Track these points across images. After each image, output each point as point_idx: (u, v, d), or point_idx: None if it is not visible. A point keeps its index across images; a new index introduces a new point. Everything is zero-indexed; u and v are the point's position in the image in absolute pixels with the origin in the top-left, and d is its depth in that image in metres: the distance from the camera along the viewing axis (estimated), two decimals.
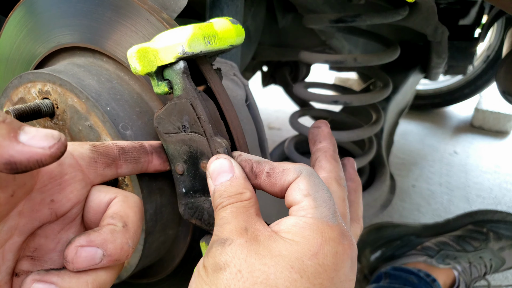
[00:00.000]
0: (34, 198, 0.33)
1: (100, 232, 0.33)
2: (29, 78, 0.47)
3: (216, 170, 0.37)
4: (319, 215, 0.34)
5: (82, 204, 0.37)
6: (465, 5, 1.39)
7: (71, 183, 0.35)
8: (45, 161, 0.27)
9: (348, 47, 1.33)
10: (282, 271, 0.31)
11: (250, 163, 0.38)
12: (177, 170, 0.43)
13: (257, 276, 0.31)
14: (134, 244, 0.35)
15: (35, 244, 0.35)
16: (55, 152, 0.28)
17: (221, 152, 0.39)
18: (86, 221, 0.37)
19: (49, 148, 0.27)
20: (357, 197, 0.49)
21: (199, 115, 0.39)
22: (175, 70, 0.39)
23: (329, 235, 0.33)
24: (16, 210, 0.32)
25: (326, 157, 0.46)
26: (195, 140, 0.40)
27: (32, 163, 0.27)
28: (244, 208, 0.35)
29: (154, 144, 0.43)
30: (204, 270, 0.33)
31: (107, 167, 0.38)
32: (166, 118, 0.41)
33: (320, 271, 0.31)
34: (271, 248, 0.32)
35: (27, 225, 0.33)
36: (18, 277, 0.34)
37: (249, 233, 0.33)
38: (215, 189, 0.37)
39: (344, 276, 0.33)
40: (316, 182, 0.36)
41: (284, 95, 1.85)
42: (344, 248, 0.34)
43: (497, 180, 1.83)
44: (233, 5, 0.73)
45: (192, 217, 0.43)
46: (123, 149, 0.39)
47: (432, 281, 0.98)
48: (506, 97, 1.01)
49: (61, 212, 0.35)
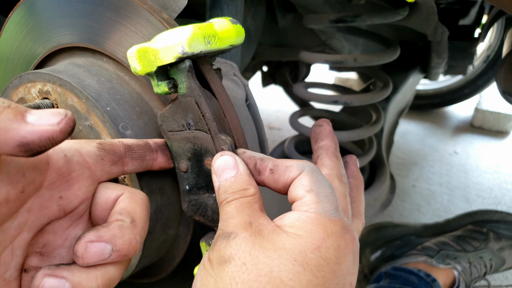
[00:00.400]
0: (43, 195, 0.34)
1: (109, 228, 0.34)
2: (29, 78, 0.47)
3: (221, 167, 0.38)
4: (322, 210, 0.34)
5: (89, 200, 0.37)
6: (465, 5, 1.39)
7: (79, 180, 0.36)
8: (57, 137, 0.28)
9: (348, 47, 1.33)
10: (285, 264, 0.31)
11: (254, 160, 0.39)
12: (181, 167, 0.43)
13: (261, 269, 0.31)
14: (142, 240, 0.36)
15: (43, 240, 0.36)
16: (65, 127, 0.28)
17: (225, 149, 0.39)
18: (94, 217, 0.38)
19: (58, 124, 0.28)
20: (359, 193, 0.50)
21: (203, 113, 0.40)
22: (181, 68, 0.40)
23: (331, 229, 0.33)
24: (25, 207, 0.33)
25: (328, 154, 0.47)
26: (199, 137, 0.41)
27: (45, 141, 0.27)
28: (249, 203, 0.36)
29: (158, 142, 0.43)
30: (210, 263, 0.33)
31: (114, 165, 0.39)
32: (171, 116, 0.42)
33: (323, 264, 0.32)
34: (275, 241, 0.33)
35: (36, 222, 0.34)
36: (27, 273, 0.34)
37: (253, 227, 0.34)
38: (220, 185, 0.37)
39: (346, 269, 0.34)
40: (318, 178, 0.36)
41: (284, 95, 1.85)
42: (346, 242, 0.34)
43: (497, 180, 1.83)
44: (233, 5, 0.73)
45: (195, 213, 0.43)
46: (129, 146, 0.40)
47: (432, 281, 0.99)
48: (506, 97, 1.01)
49: (69, 209, 0.36)
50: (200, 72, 0.42)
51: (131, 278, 0.55)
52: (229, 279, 0.31)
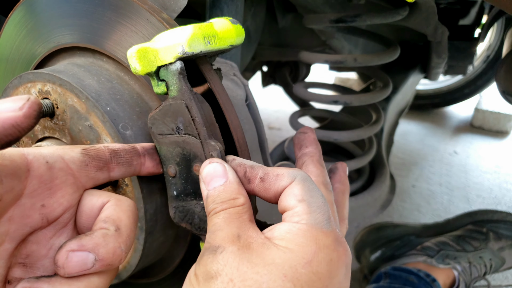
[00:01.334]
0: (24, 203, 0.32)
1: (91, 236, 0.33)
2: (29, 78, 0.47)
3: (209, 175, 0.37)
4: (313, 221, 0.33)
5: (74, 208, 0.36)
6: (465, 5, 1.39)
7: (62, 187, 0.35)
8: (22, 123, 0.27)
9: (348, 47, 1.33)
10: (275, 280, 0.30)
11: (244, 168, 0.37)
12: (169, 172, 0.42)
13: (250, 285, 0.30)
14: (127, 249, 0.35)
15: (27, 250, 0.34)
16: (28, 111, 0.27)
17: (214, 156, 0.38)
18: (79, 226, 0.37)
19: (20, 109, 0.27)
20: (345, 198, 0.50)
21: (193, 117, 0.39)
22: (172, 70, 0.39)
23: (323, 242, 0.32)
24: (6, 216, 0.32)
25: (313, 161, 0.46)
26: (188, 142, 0.40)
27: (10, 129, 0.26)
28: (238, 214, 0.35)
29: (146, 146, 0.42)
30: (196, 279, 0.32)
31: (99, 171, 0.37)
32: (161, 119, 0.41)
33: (314, 280, 0.31)
34: (264, 256, 0.32)
35: (18, 231, 0.33)
36: (10, 284, 0.33)
37: (242, 241, 0.33)
38: (208, 194, 0.36)
39: (339, 284, 0.33)
40: (310, 187, 0.35)
41: (284, 95, 1.85)
42: (339, 255, 0.33)
43: (497, 180, 1.83)
44: (233, 5, 0.73)
45: (182, 220, 0.42)
46: (114, 151, 0.39)
47: (432, 281, 0.99)
48: (506, 97, 1.01)
49: (53, 217, 0.35)
50: (200, 72, 0.42)
51: (131, 278, 0.55)
52: None
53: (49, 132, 0.48)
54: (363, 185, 1.11)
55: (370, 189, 1.07)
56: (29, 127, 0.27)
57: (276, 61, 1.71)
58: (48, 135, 0.48)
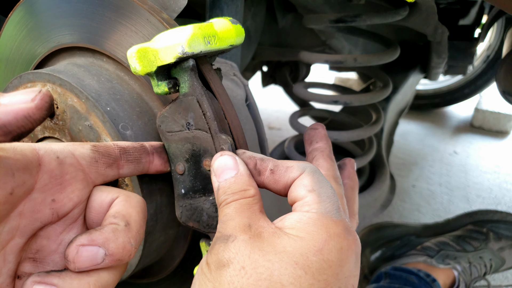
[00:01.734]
0: (34, 198, 0.33)
1: (101, 231, 0.33)
2: (29, 78, 0.47)
3: (220, 167, 0.37)
4: (324, 210, 0.34)
5: (84, 204, 0.37)
6: (465, 5, 1.39)
7: (72, 183, 0.35)
8: (34, 114, 0.27)
9: (348, 47, 1.33)
10: (286, 267, 0.30)
11: (254, 160, 0.38)
12: (177, 169, 0.42)
13: (261, 273, 0.30)
14: (136, 244, 0.35)
15: (37, 245, 0.35)
16: (40, 103, 0.27)
17: (225, 149, 0.39)
18: (88, 221, 0.37)
19: (32, 101, 0.27)
20: (354, 194, 0.51)
21: (204, 112, 0.39)
22: (184, 67, 0.40)
23: (334, 231, 0.33)
24: (16, 211, 0.32)
25: (324, 156, 0.47)
26: (199, 137, 0.40)
27: (22, 121, 0.26)
28: (248, 205, 0.35)
29: (154, 144, 0.43)
30: (207, 267, 0.33)
31: (109, 167, 0.38)
32: (171, 116, 0.41)
33: (325, 267, 0.31)
34: (275, 244, 0.32)
35: (28, 226, 0.33)
36: (20, 280, 0.33)
37: (253, 230, 0.33)
38: (220, 186, 0.37)
39: (349, 272, 0.33)
40: (320, 178, 0.36)
41: (284, 95, 1.85)
42: (349, 243, 0.33)
43: (497, 180, 1.83)
44: (233, 5, 0.73)
45: (189, 219, 0.43)
46: (124, 149, 0.39)
47: (432, 281, 0.99)
48: (506, 97, 1.01)
49: (63, 212, 0.35)
50: (200, 72, 0.42)
51: (131, 278, 0.55)
52: (227, 284, 0.31)
53: (49, 132, 0.48)
54: (363, 185, 1.11)
55: (370, 189, 1.07)
56: (41, 119, 0.28)
57: (276, 61, 1.71)
58: (48, 135, 0.48)
